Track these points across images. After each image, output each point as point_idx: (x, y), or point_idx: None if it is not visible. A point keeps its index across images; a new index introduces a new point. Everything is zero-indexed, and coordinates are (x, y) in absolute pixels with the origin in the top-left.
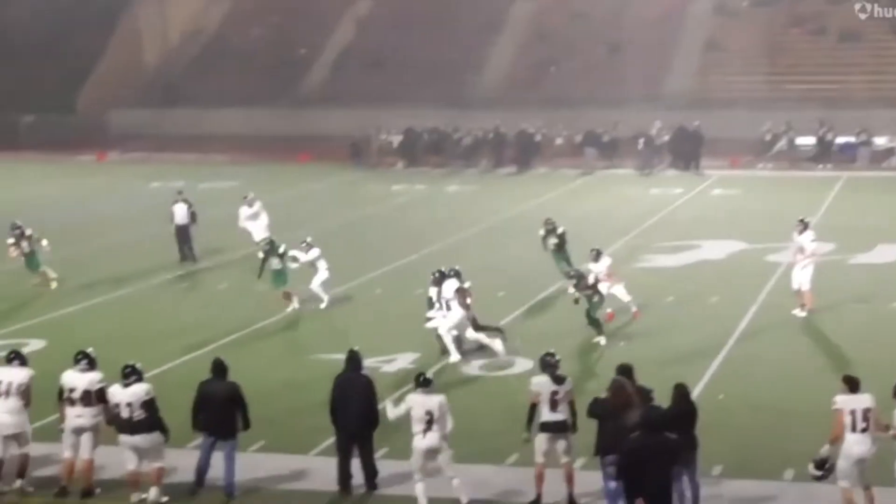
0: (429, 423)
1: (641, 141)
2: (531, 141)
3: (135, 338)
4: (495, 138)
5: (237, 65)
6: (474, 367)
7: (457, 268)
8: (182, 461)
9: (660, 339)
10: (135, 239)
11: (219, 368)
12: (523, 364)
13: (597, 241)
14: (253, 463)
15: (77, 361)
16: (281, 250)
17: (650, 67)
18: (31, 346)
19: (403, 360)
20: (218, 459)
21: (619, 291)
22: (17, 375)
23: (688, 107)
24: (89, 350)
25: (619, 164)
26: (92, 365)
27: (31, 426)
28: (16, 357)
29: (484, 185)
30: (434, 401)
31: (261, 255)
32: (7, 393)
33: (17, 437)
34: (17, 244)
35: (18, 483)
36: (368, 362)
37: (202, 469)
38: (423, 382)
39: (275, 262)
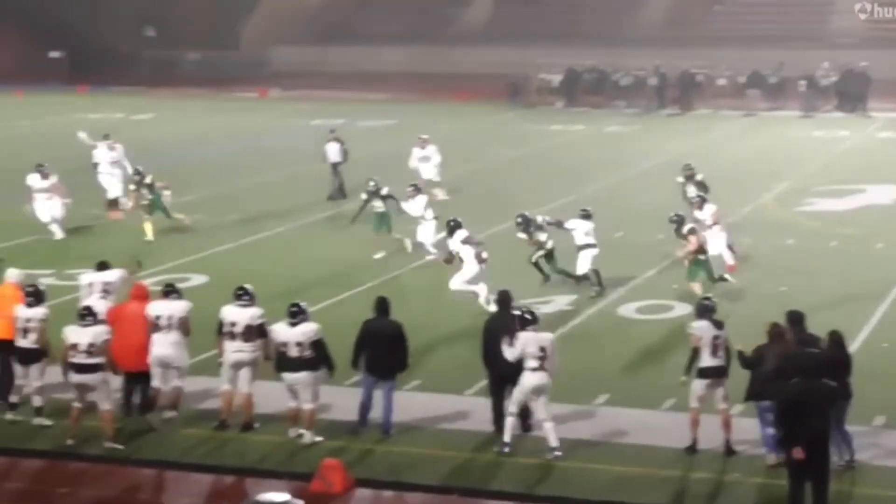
0: (541, 360)
1: (804, 83)
2: (693, 81)
3: (291, 276)
4: (656, 78)
5: (399, 2)
6: (630, 309)
7: (458, 218)
8: (339, 399)
9: (822, 285)
10: (292, 176)
11: (382, 307)
12: (681, 308)
13: (759, 185)
14: (409, 402)
15: (238, 297)
16: (384, 192)
17: (815, 5)
18: (193, 281)
19: (560, 303)
20: (376, 398)
21: (720, 241)
22: (176, 308)
23: (855, 47)
24: (248, 286)
25: (783, 106)
26: (252, 300)
27: (189, 360)
28: (173, 290)
29: (644, 126)
30: (546, 337)
31: (364, 196)
32: (168, 326)
33: (177, 370)
34: (137, 191)
35: (169, 415)
36: (524, 304)
37: (366, 408)
38: (532, 320)
39: (378, 205)
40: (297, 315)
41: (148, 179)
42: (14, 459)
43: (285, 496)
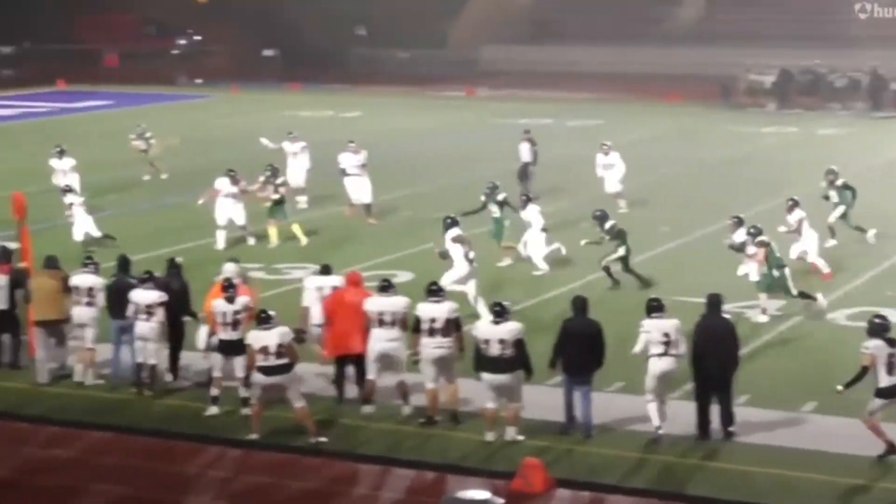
0: (666, 346)
1: None
2: None
3: (486, 276)
4: (873, 80)
5: (607, 1)
6: (841, 316)
7: (454, 215)
8: (541, 398)
9: None
10: (490, 175)
11: (581, 306)
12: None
13: None
14: (610, 404)
15: (432, 293)
16: (500, 197)
17: None
18: (400, 278)
19: (769, 308)
20: (576, 399)
21: (811, 245)
22: (398, 305)
23: None
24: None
25: None
26: (444, 295)
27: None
28: (390, 286)
29: (858, 129)
30: (670, 324)
31: (482, 198)
32: (392, 322)
33: (398, 365)
34: (266, 184)
35: (407, 409)
36: (730, 307)
37: (571, 407)
38: (656, 307)
39: (494, 210)
40: (501, 314)
41: (280, 180)
42: (223, 449)
43: (486, 494)
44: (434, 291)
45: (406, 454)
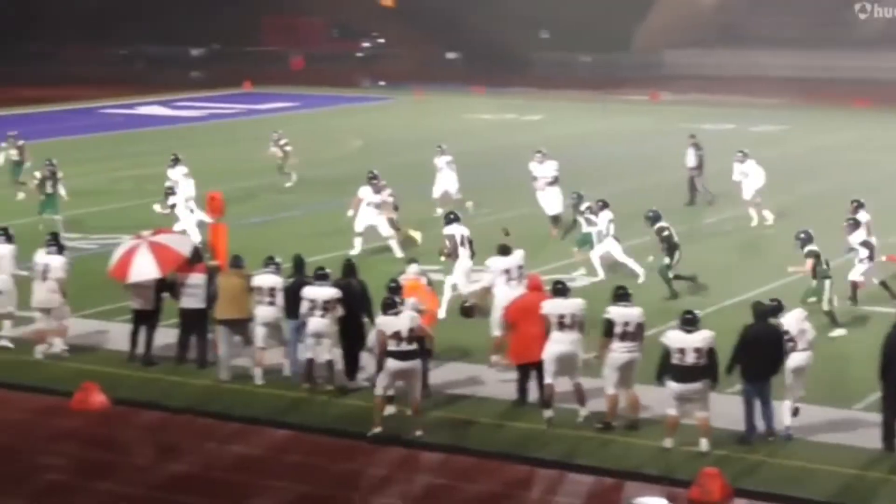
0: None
1: None
2: None
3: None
4: None
5: (795, 5)
6: None
7: (456, 212)
8: (721, 407)
9: None
10: (674, 180)
11: (763, 312)
12: None
13: None
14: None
15: (621, 297)
16: (583, 207)
17: None
18: (578, 281)
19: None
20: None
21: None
22: (577, 307)
23: None
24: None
25: None
26: (632, 299)
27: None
28: (565, 288)
29: None
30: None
31: (571, 209)
32: (571, 325)
33: (576, 369)
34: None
35: (584, 412)
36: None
37: (752, 416)
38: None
39: (580, 220)
40: (693, 322)
41: (381, 182)
42: (399, 450)
43: (663, 501)
44: (623, 295)
45: (583, 459)
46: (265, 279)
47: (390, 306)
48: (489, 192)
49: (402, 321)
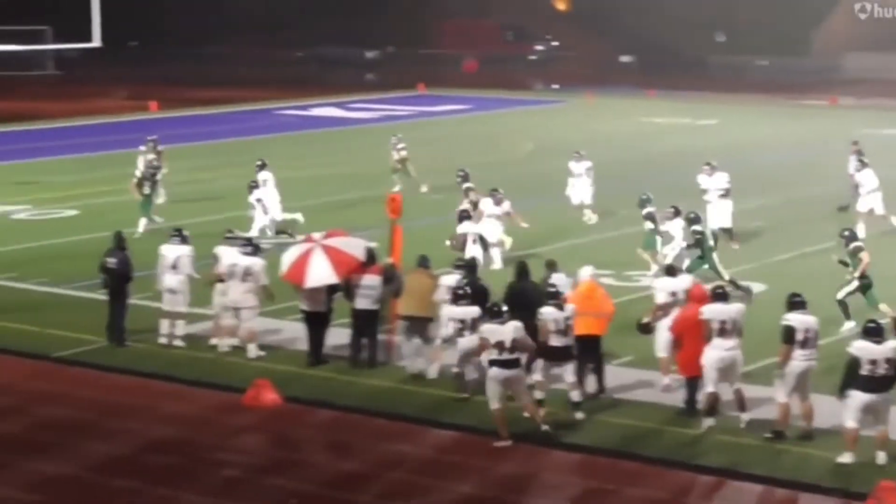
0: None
1: None
2: None
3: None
4: None
5: None
6: None
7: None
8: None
9: None
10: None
11: None
12: None
13: None
14: None
15: (797, 305)
16: (644, 211)
17: None
18: (643, 281)
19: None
20: None
21: None
22: (737, 312)
23: None
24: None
25: None
26: (807, 306)
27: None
28: (725, 294)
29: None
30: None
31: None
32: (731, 331)
33: (731, 373)
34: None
35: (745, 417)
36: None
37: None
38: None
39: (647, 223)
40: (879, 332)
41: (465, 186)
42: (564, 454)
43: None
44: (799, 303)
45: (747, 467)
46: (450, 279)
47: (496, 315)
48: (663, 196)
49: (506, 331)
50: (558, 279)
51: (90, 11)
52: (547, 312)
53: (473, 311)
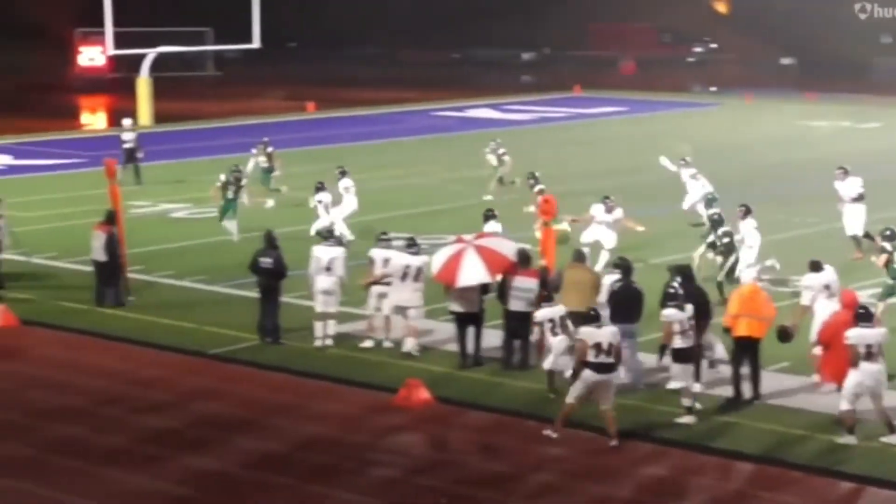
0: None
1: None
2: None
3: None
4: None
5: None
6: None
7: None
8: None
9: None
10: None
11: None
12: None
13: None
14: None
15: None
16: (712, 211)
17: None
18: None
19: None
20: None
21: None
22: (881, 336)
23: None
24: None
25: None
26: None
27: None
28: (869, 314)
29: None
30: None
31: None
32: (877, 354)
33: (876, 392)
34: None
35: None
36: None
37: None
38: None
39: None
40: None
41: (537, 188)
42: (704, 457)
43: None
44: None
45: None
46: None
47: (593, 319)
48: (819, 200)
49: (604, 334)
50: (749, 275)
51: (250, 14)
52: (670, 314)
53: (559, 310)
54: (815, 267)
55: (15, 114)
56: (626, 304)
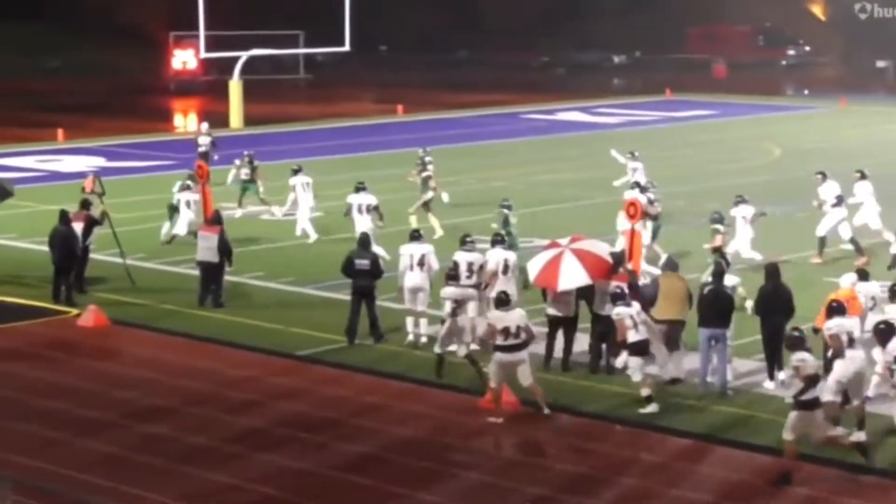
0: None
1: None
2: None
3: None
4: None
5: None
6: None
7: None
8: None
9: None
10: None
11: None
12: None
13: None
14: None
15: None
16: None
17: None
18: None
19: None
20: None
21: None
22: None
23: None
24: None
25: None
26: None
27: None
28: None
29: None
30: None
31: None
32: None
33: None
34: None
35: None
36: None
37: None
38: None
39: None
40: None
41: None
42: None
43: None
44: None
45: None
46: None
47: (502, 303)
48: None
49: (512, 317)
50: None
51: (342, 17)
52: (620, 311)
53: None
54: (863, 276)
55: (109, 115)
56: (717, 309)
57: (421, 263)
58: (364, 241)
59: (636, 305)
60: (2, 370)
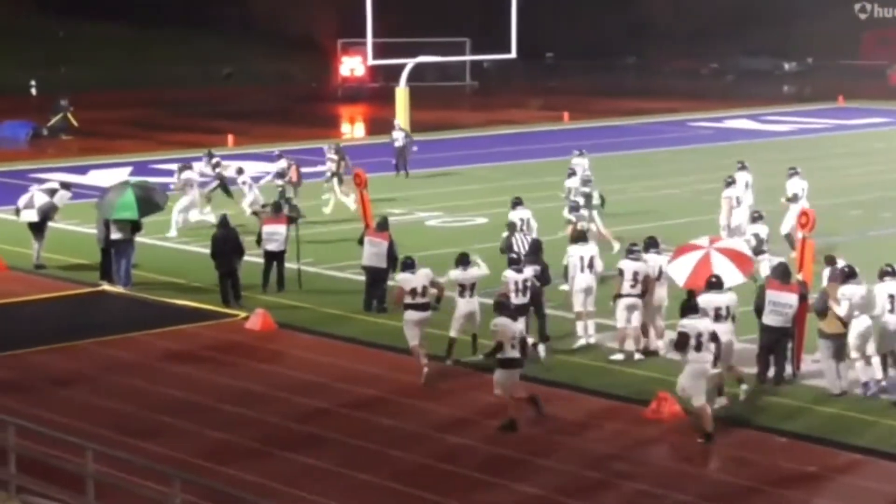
0: None
1: None
2: None
3: None
4: None
5: None
6: None
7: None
8: None
9: None
10: None
11: None
12: None
13: None
14: None
15: None
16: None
17: None
18: None
19: None
20: None
21: None
22: None
23: None
24: None
25: None
26: None
27: None
28: None
29: None
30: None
31: None
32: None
33: None
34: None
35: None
36: None
37: None
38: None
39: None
40: None
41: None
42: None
43: None
44: None
45: None
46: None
47: (408, 266)
48: None
49: (417, 279)
50: None
51: (508, 24)
52: (507, 274)
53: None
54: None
55: (278, 122)
56: None
57: (590, 265)
58: (535, 247)
59: (527, 272)
60: (180, 372)
